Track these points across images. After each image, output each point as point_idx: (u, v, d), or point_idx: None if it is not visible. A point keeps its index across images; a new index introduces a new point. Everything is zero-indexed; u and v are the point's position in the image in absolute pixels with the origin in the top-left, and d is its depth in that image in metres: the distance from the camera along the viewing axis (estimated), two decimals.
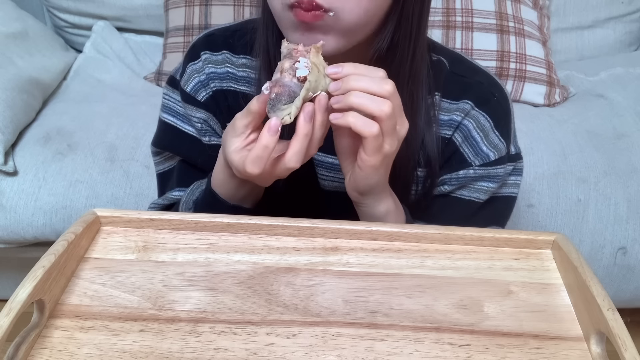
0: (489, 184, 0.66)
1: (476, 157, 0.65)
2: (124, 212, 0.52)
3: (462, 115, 0.64)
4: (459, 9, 1.44)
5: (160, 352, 0.41)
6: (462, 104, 0.64)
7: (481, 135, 0.64)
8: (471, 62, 0.68)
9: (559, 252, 0.50)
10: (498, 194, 0.67)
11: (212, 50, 0.67)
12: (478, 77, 0.66)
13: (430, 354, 0.42)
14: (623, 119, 1.32)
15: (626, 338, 0.38)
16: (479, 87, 0.65)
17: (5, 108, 1.17)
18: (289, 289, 0.47)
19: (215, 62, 0.67)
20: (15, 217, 1.15)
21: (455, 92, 0.65)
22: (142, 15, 1.60)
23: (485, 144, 0.64)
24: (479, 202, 0.66)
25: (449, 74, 0.65)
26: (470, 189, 0.66)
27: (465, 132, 0.65)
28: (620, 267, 1.17)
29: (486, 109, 0.64)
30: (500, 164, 0.65)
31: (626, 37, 1.63)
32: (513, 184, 0.68)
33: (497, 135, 0.64)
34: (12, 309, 0.38)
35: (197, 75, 0.67)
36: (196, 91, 0.67)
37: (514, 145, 0.67)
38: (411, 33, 0.56)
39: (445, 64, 0.65)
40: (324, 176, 0.68)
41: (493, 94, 0.65)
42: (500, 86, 0.66)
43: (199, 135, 0.69)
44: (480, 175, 0.65)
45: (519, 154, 0.68)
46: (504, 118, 0.65)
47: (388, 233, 0.52)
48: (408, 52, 0.57)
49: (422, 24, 0.57)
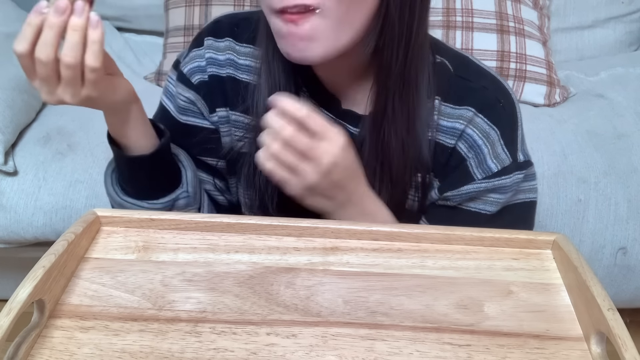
0: (497, 196, 0.63)
1: (478, 168, 0.62)
2: (124, 212, 0.53)
3: (464, 123, 0.62)
4: (459, 9, 1.44)
5: (160, 352, 0.41)
6: (464, 111, 0.62)
7: (488, 147, 0.62)
8: (478, 65, 0.65)
9: (559, 252, 0.50)
10: (512, 202, 0.65)
11: (215, 37, 0.67)
12: (483, 82, 0.63)
13: (430, 354, 0.42)
14: (623, 119, 1.32)
15: (626, 338, 0.38)
16: (483, 93, 0.62)
17: (5, 108, 1.17)
18: (289, 289, 0.47)
19: (218, 48, 0.67)
20: (15, 217, 1.15)
21: (457, 96, 0.62)
22: (142, 15, 1.60)
23: (492, 156, 0.62)
24: (486, 214, 0.64)
25: (453, 77, 0.62)
26: (477, 201, 0.64)
27: (470, 142, 0.62)
28: (621, 267, 1.17)
29: (491, 117, 0.62)
30: (505, 175, 0.62)
31: (626, 37, 1.63)
32: (528, 189, 0.65)
33: (502, 145, 0.62)
34: (12, 309, 0.38)
35: (198, 60, 0.68)
36: (192, 73, 0.68)
37: (522, 153, 0.64)
38: (399, 38, 0.55)
39: (449, 67, 0.63)
40: None
41: (498, 100, 0.62)
42: (507, 91, 0.64)
43: (177, 112, 0.70)
44: (486, 189, 0.63)
45: (529, 161, 0.64)
46: (510, 126, 0.63)
47: (388, 233, 0.52)
48: (397, 58, 0.56)
49: (413, 29, 0.55)
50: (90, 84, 0.51)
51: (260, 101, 0.63)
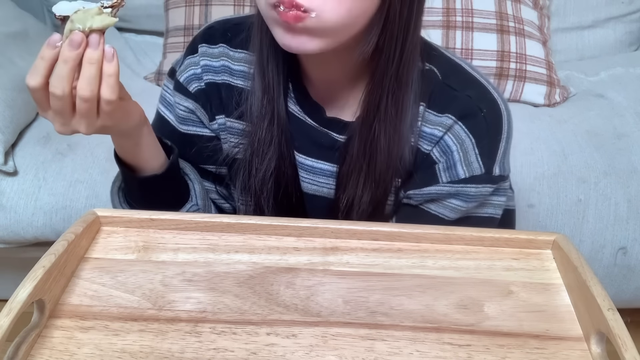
0: (457, 202, 0.63)
1: (445, 172, 0.62)
2: (124, 212, 0.53)
3: (443, 130, 0.61)
4: (459, 9, 1.44)
5: (160, 352, 0.41)
6: (445, 118, 0.61)
7: (461, 154, 0.61)
8: (469, 73, 0.63)
9: (559, 252, 0.50)
10: (475, 213, 0.65)
11: (209, 43, 0.67)
12: (469, 91, 0.61)
13: (430, 354, 0.42)
14: (623, 119, 1.32)
15: (626, 338, 0.38)
16: (465, 101, 0.61)
17: (5, 108, 1.17)
18: (289, 289, 0.47)
19: (212, 55, 0.67)
20: (15, 217, 1.15)
21: (441, 104, 0.62)
22: (142, 15, 1.60)
23: (462, 163, 0.61)
24: (445, 219, 0.64)
25: (439, 84, 0.62)
26: (437, 204, 0.64)
27: (444, 148, 0.62)
28: (621, 267, 1.17)
29: (469, 125, 0.61)
30: (471, 183, 0.61)
31: (626, 37, 1.63)
32: (496, 204, 0.65)
33: (476, 154, 0.61)
34: (12, 309, 0.38)
35: (194, 67, 0.67)
36: (189, 82, 0.68)
37: (499, 166, 0.62)
38: (397, 37, 0.54)
39: (437, 74, 0.62)
40: (304, 178, 0.68)
41: (480, 109, 0.61)
42: (494, 101, 0.62)
43: (177, 122, 0.69)
44: (448, 193, 0.62)
45: (504, 176, 0.63)
46: (488, 136, 0.61)
47: (388, 233, 0.52)
48: (394, 56, 0.56)
49: (410, 28, 0.55)
50: (106, 115, 0.51)
51: (254, 106, 0.63)
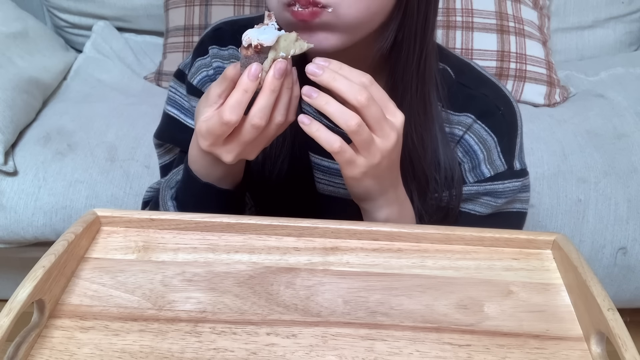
0: (490, 199, 0.63)
1: (471, 173, 0.63)
2: (124, 212, 0.52)
3: (463, 129, 0.62)
4: (459, 9, 1.44)
5: (160, 352, 0.41)
6: (464, 117, 0.62)
7: (484, 153, 0.62)
8: (479, 72, 0.65)
9: (559, 252, 0.50)
10: (506, 209, 0.65)
11: (219, 45, 0.67)
12: (484, 89, 0.63)
13: (430, 354, 0.42)
14: (623, 119, 1.32)
15: (626, 338, 0.38)
16: (483, 100, 0.62)
17: (5, 108, 1.17)
18: (289, 289, 0.47)
19: (223, 57, 0.67)
20: (15, 217, 1.15)
21: (458, 103, 0.62)
22: (142, 15, 1.60)
23: (486, 162, 0.62)
24: (476, 215, 0.64)
25: (454, 83, 0.62)
26: (468, 202, 0.64)
27: (466, 148, 0.63)
28: (621, 267, 1.17)
29: (489, 123, 0.62)
30: (498, 180, 0.63)
31: (626, 37, 1.63)
32: (524, 199, 0.66)
33: (498, 152, 0.62)
34: (12, 309, 0.38)
35: (205, 69, 0.67)
36: (203, 84, 0.67)
37: (519, 160, 0.64)
38: (416, 32, 0.54)
39: (450, 73, 0.63)
40: (320, 179, 0.67)
41: (498, 108, 0.62)
42: (508, 99, 0.63)
43: None
44: (477, 192, 0.63)
45: (524, 170, 0.65)
46: (509, 134, 0.63)
47: (388, 233, 0.52)
48: (414, 52, 0.55)
49: (428, 23, 0.55)
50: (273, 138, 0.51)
51: None
